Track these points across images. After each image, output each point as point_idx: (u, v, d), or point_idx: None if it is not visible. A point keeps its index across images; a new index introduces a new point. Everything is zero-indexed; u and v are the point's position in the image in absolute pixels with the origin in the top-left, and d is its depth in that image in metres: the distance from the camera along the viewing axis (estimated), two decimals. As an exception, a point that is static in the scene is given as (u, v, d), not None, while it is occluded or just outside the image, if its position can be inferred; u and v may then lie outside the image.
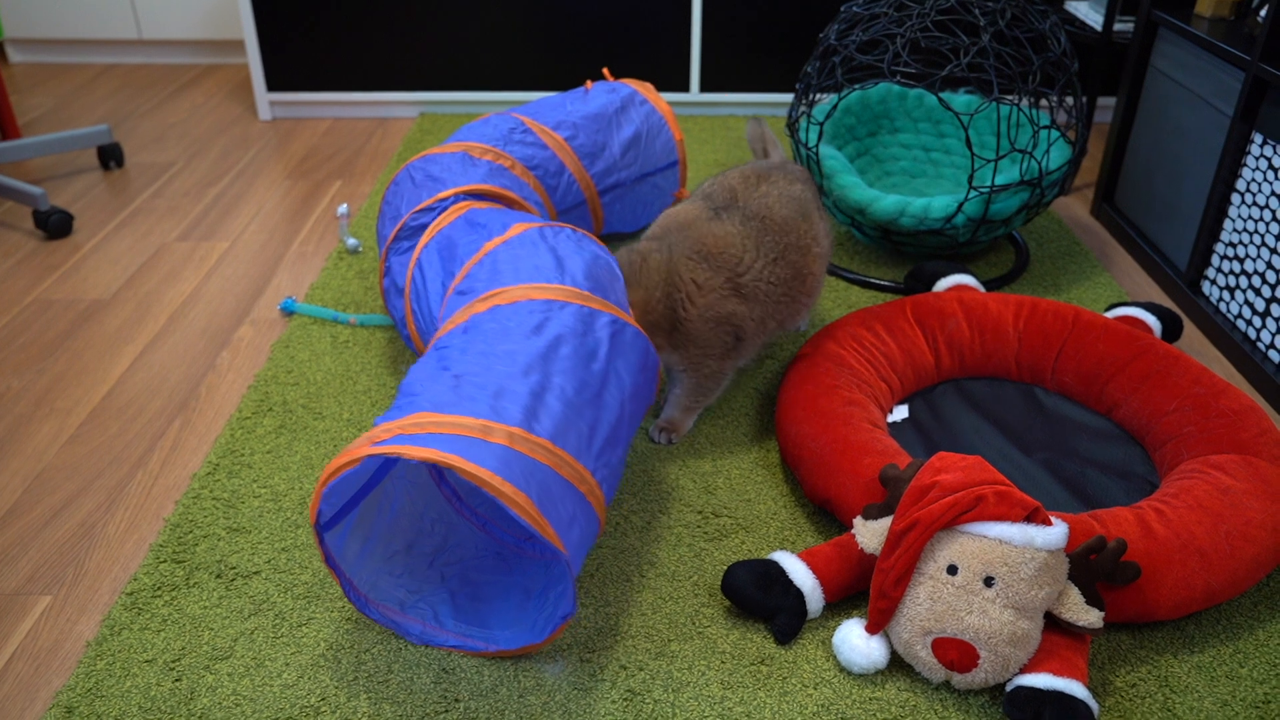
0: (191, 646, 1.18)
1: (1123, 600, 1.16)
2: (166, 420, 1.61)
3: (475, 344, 1.19)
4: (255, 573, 1.29)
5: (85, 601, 1.26)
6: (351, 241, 2.10)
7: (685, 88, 2.84)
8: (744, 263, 1.40)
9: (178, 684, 1.13)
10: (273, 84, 2.86)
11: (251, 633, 1.20)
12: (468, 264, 1.38)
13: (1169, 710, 1.10)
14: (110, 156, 2.55)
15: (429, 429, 1.05)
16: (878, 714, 1.10)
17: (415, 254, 1.51)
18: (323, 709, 1.10)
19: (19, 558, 1.33)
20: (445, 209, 1.56)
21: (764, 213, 1.39)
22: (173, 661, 1.16)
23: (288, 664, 1.16)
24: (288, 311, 1.89)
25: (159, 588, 1.27)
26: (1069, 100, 2.87)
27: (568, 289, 1.26)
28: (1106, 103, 2.88)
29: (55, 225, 2.18)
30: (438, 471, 1.32)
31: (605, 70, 2.19)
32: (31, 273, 2.06)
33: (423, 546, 1.26)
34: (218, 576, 1.29)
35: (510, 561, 1.28)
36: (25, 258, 2.12)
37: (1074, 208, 2.34)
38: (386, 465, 1.24)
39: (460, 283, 1.36)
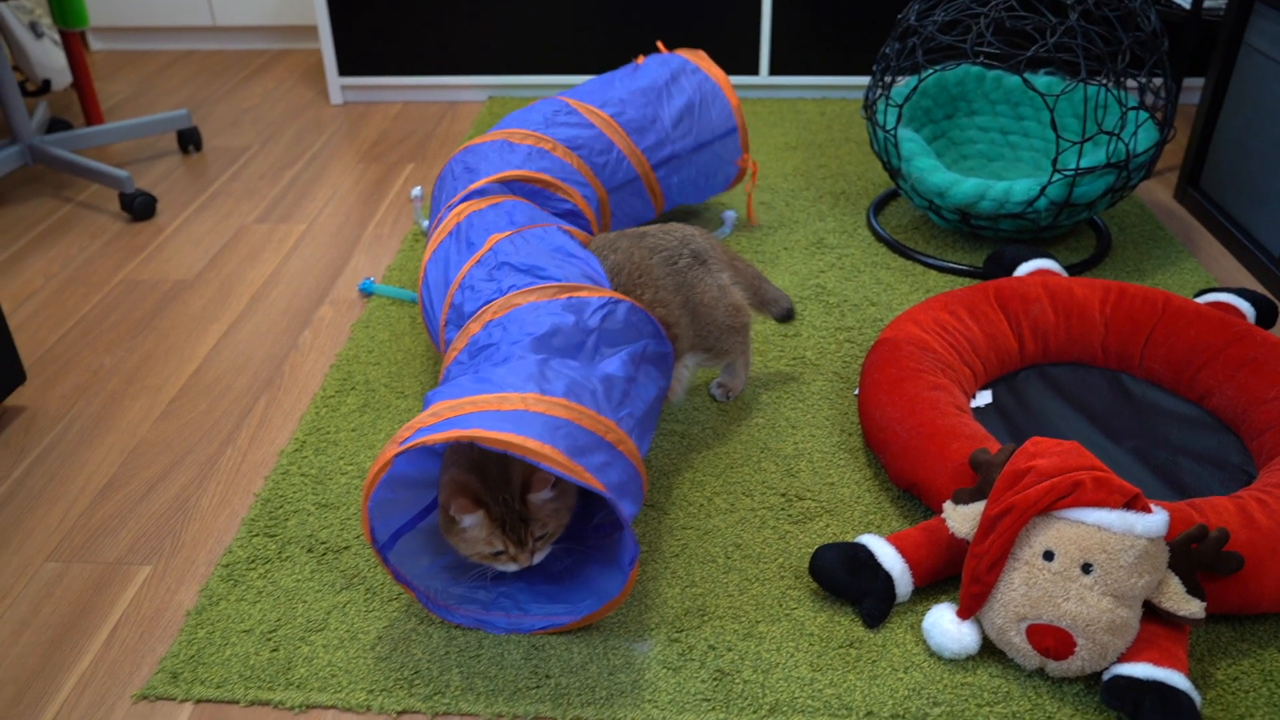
0: (287, 618, 1.21)
1: (1223, 591, 1.13)
2: (253, 398, 1.64)
3: (482, 363, 1.24)
4: (345, 548, 1.31)
5: (183, 572, 1.29)
6: (426, 224, 2.12)
7: (755, 70, 2.82)
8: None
9: (275, 654, 1.16)
10: (344, 69, 2.89)
11: (344, 606, 1.22)
12: (451, 288, 1.42)
13: (1275, 705, 1.08)
14: (189, 140, 2.60)
15: (446, 415, 1.09)
16: (970, 699, 1.09)
17: (421, 271, 1.54)
18: (416, 682, 1.12)
19: (119, 529, 1.37)
20: (448, 216, 1.58)
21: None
22: (269, 632, 1.19)
23: (380, 637, 1.18)
24: (366, 292, 1.92)
25: (253, 560, 1.30)
26: (1156, 81, 2.80)
27: (552, 286, 1.32)
28: (1192, 84, 2.81)
29: (140, 207, 2.23)
30: None
31: (659, 43, 2.16)
32: (119, 254, 2.11)
33: None
34: (309, 551, 1.31)
35: (577, 548, 1.29)
36: (112, 239, 2.17)
37: (1156, 192, 2.29)
38: None
39: (449, 311, 1.41)
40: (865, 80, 2.82)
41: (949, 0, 1.93)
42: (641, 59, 2.03)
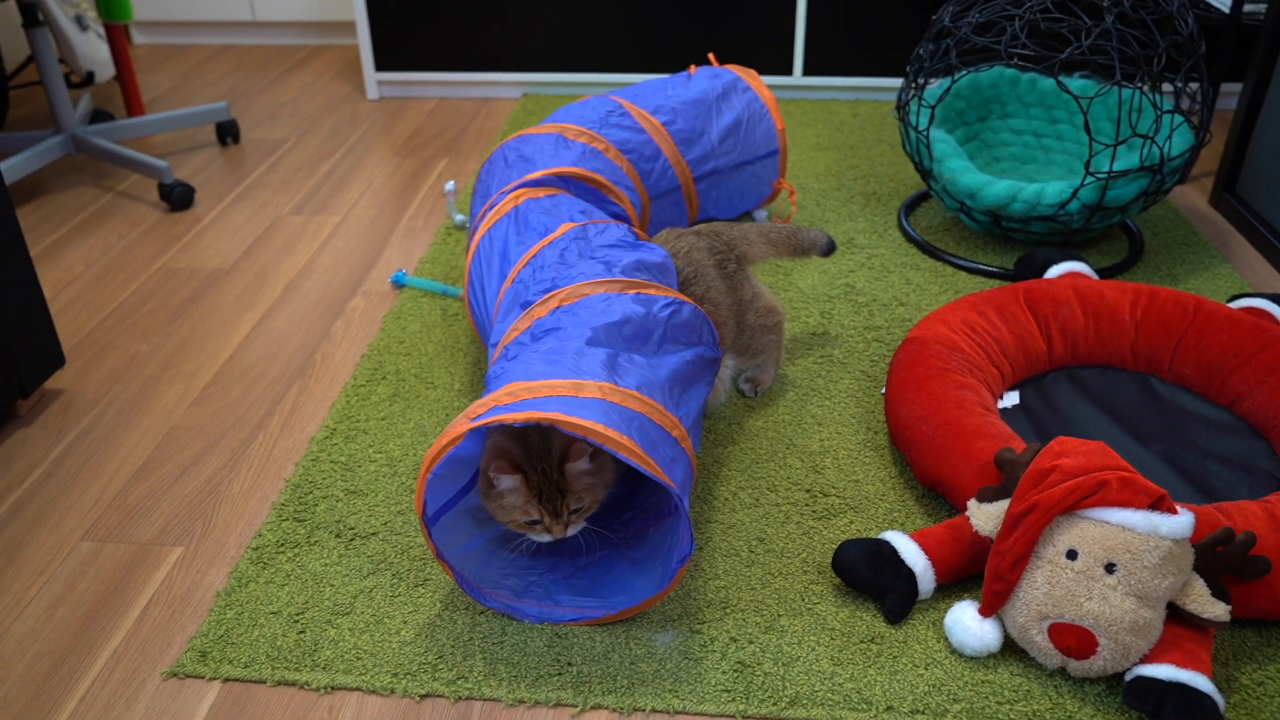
0: (314, 601, 1.23)
1: (1250, 595, 1.12)
2: (285, 385, 1.66)
3: (546, 342, 1.24)
4: (372, 534, 1.33)
5: (214, 554, 1.32)
6: (459, 217, 2.14)
7: (788, 71, 2.82)
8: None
9: (302, 636, 1.18)
10: (381, 64, 2.92)
11: (370, 591, 1.24)
12: (516, 266, 1.43)
13: (1298, 709, 1.07)
14: (227, 133, 2.64)
15: (523, 396, 1.09)
16: (990, 697, 1.09)
17: (472, 247, 1.55)
18: (440, 666, 1.14)
19: (152, 510, 1.40)
20: (504, 199, 1.59)
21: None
22: (297, 615, 1.21)
23: (405, 622, 1.20)
24: (399, 284, 1.94)
25: (282, 544, 1.32)
26: (1193, 85, 2.77)
27: (620, 280, 1.33)
28: (1230, 89, 2.78)
29: (178, 197, 2.27)
30: None
31: (711, 55, 2.18)
32: (157, 242, 2.15)
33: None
34: (337, 536, 1.33)
35: (610, 541, 1.30)
36: (151, 228, 2.21)
37: (1191, 197, 2.27)
38: None
39: (511, 286, 1.41)
40: (898, 82, 2.82)
41: (984, 2, 1.92)
42: (694, 69, 2.04)
